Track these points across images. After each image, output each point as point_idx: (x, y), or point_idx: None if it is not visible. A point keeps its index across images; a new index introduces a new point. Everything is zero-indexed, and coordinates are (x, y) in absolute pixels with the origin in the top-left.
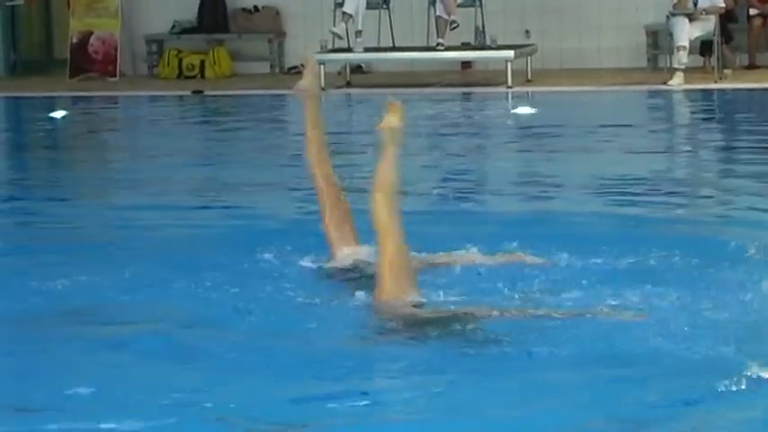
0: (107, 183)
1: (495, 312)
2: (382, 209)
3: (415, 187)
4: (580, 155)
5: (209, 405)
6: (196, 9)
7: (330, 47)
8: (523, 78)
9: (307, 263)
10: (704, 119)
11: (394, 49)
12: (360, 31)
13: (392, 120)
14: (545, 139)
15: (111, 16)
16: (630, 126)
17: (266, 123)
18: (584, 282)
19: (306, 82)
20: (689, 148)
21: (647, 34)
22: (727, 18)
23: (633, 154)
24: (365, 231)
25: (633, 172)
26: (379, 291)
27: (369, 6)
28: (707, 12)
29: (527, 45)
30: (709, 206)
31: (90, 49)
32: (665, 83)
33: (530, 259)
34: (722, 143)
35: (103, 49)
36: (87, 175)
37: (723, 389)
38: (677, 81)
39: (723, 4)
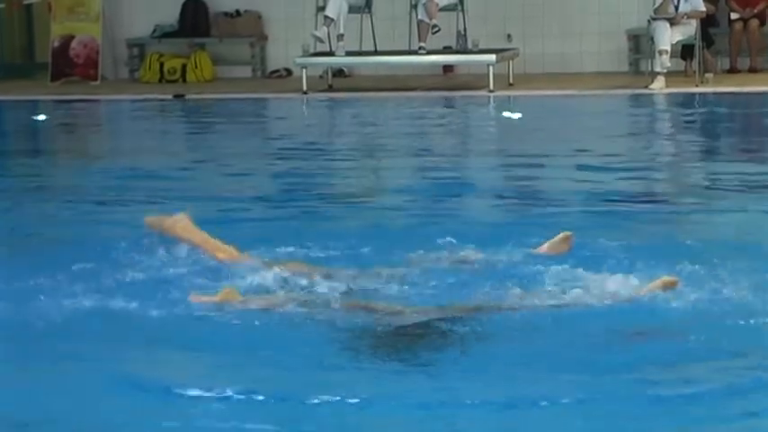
0: (84, 185)
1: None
2: None
3: (404, 189)
4: (562, 158)
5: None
6: (178, 13)
7: (312, 51)
8: (505, 82)
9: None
10: (686, 122)
11: (376, 53)
12: (342, 35)
13: None
14: (527, 142)
15: (92, 20)
16: (612, 130)
17: (247, 127)
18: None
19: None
20: (670, 152)
21: (629, 38)
22: (708, 22)
23: (614, 157)
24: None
25: (614, 174)
26: None
27: (351, 11)
28: (688, 16)
29: (509, 49)
30: (689, 207)
31: (71, 52)
32: (646, 87)
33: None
34: (703, 146)
35: (85, 53)
36: (63, 176)
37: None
38: (659, 85)
39: (704, 9)
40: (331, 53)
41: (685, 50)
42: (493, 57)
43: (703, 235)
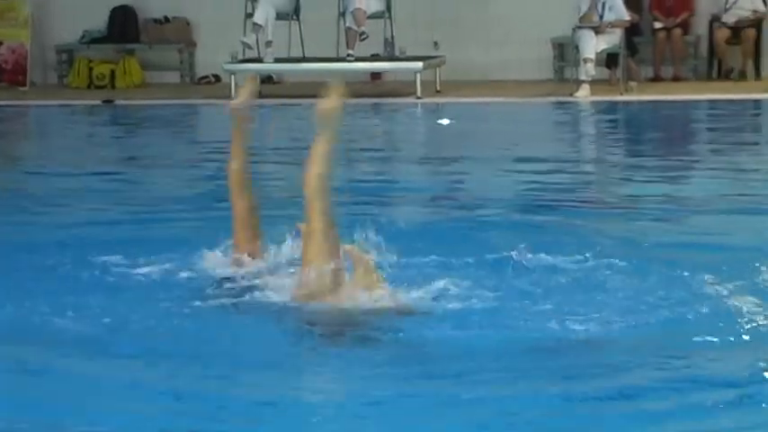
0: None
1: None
2: (314, 184)
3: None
4: (487, 165)
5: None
6: (106, 19)
7: (240, 57)
8: (432, 89)
9: (210, 268)
10: (610, 130)
11: (304, 59)
12: (270, 42)
13: (330, 102)
14: (454, 149)
15: (20, 26)
16: (536, 137)
17: (175, 132)
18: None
19: (239, 100)
20: (593, 159)
21: (554, 47)
22: (632, 31)
23: (539, 164)
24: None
25: (538, 181)
26: (304, 261)
27: (279, 17)
28: (612, 25)
29: (436, 56)
30: (610, 214)
31: (0, 58)
32: (571, 94)
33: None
34: (626, 153)
35: (13, 59)
36: None
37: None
38: (583, 93)
39: (628, 18)
40: (259, 59)
41: (610, 59)
42: (420, 64)
43: (616, 238)
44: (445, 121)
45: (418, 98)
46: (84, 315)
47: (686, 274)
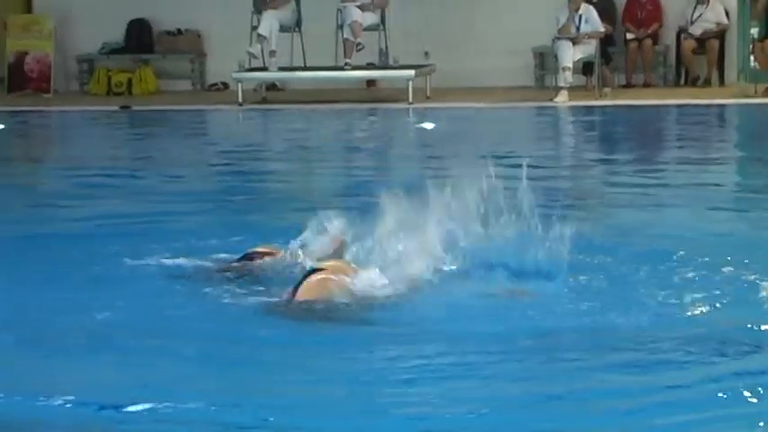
0: (41, 191)
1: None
2: None
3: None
4: (475, 162)
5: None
6: (124, 31)
7: (247, 66)
8: (423, 96)
9: (218, 263)
10: (586, 132)
11: (305, 68)
12: (274, 52)
13: None
14: (441, 148)
15: (45, 38)
16: (519, 137)
17: (187, 136)
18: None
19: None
20: (571, 158)
21: (535, 56)
22: (606, 42)
23: (520, 161)
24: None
25: (520, 178)
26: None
27: (282, 30)
28: (588, 36)
29: (426, 65)
30: (596, 206)
31: (26, 67)
32: (551, 100)
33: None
34: (601, 154)
35: (38, 68)
36: (11, 177)
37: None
38: (562, 98)
39: (603, 29)
40: (264, 68)
41: (586, 67)
42: (412, 72)
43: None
44: (428, 126)
45: (410, 104)
46: (91, 306)
47: (676, 263)
